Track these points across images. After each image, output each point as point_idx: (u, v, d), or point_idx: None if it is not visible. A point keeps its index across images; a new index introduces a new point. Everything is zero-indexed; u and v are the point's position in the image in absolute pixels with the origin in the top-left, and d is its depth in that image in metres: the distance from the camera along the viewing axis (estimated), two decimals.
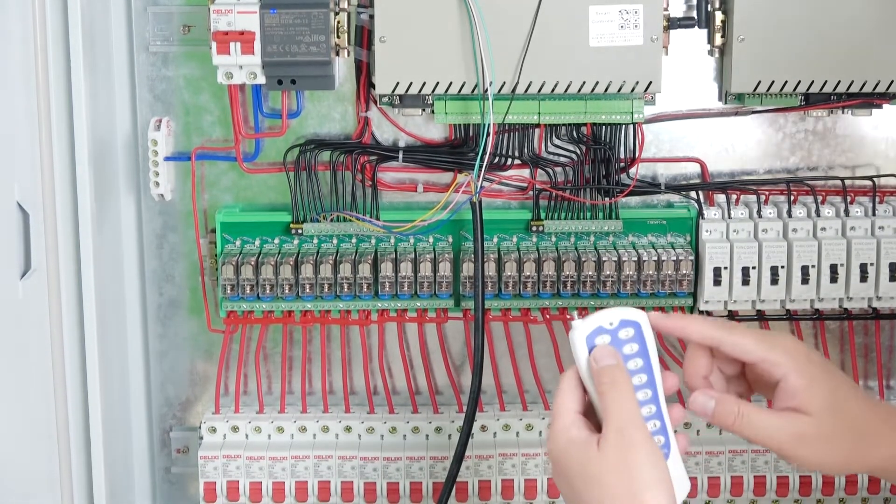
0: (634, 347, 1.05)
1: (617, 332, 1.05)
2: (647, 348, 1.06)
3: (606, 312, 1.05)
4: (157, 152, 1.49)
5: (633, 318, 1.06)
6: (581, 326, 1.05)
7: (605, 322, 1.05)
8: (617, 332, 1.05)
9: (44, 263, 1.35)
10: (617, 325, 1.05)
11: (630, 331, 1.05)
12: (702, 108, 1.51)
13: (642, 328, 1.06)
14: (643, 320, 1.06)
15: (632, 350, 1.05)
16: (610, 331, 1.05)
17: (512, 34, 1.39)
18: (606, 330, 1.05)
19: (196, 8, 1.46)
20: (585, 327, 1.05)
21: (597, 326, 1.05)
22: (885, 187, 1.51)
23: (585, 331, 1.05)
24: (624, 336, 1.05)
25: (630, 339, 1.05)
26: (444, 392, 1.58)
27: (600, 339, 1.05)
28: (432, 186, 1.52)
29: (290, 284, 1.48)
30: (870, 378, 1.58)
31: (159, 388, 1.60)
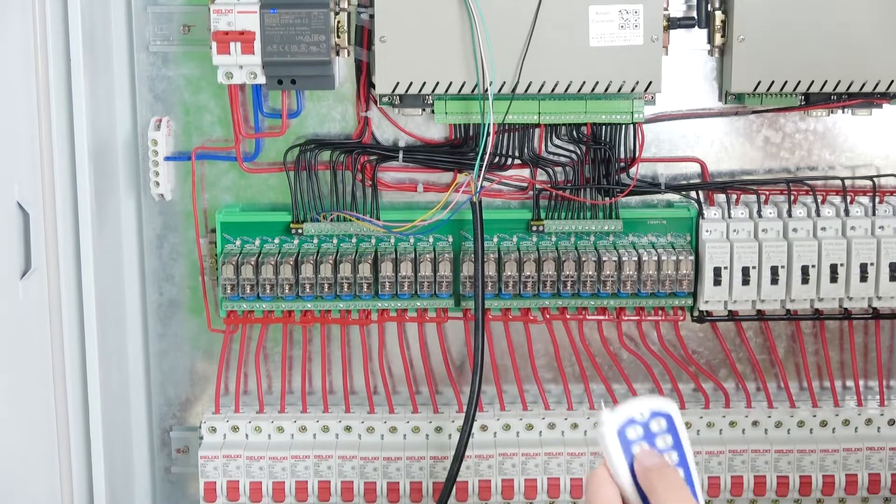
0: (668, 440, 0.98)
1: (648, 423, 0.98)
2: (681, 440, 0.99)
3: (636, 403, 0.98)
4: (158, 152, 1.49)
5: (665, 409, 0.98)
6: (611, 419, 0.98)
7: (636, 413, 0.98)
8: (648, 423, 0.98)
9: (44, 263, 1.35)
10: (648, 417, 0.98)
11: (662, 422, 0.99)
12: (702, 108, 1.51)
13: (674, 419, 0.99)
14: (674, 411, 0.99)
15: (665, 444, 0.98)
16: (642, 423, 0.98)
17: (512, 34, 1.39)
18: (637, 422, 0.98)
19: (196, 8, 1.46)
20: (615, 420, 0.98)
21: (628, 419, 0.98)
22: (885, 187, 1.51)
23: (616, 423, 0.98)
24: (656, 428, 0.99)
25: (662, 432, 0.98)
26: (444, 392, 1.58)
27: (632, 431, 0.98)
28: (432, 186, 1.52)
29: (291, 284, 1.48)
30: (870, 378, 1.58)
31: (159, 388, 1.60)
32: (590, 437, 1.54)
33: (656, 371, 1.56)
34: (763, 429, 1.55)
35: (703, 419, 1.55)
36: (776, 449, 1.53)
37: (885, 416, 1.55)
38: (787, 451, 1.53)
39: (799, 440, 1.54)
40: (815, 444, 1.54)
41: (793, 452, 1.53)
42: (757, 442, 1.54)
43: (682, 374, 1.57)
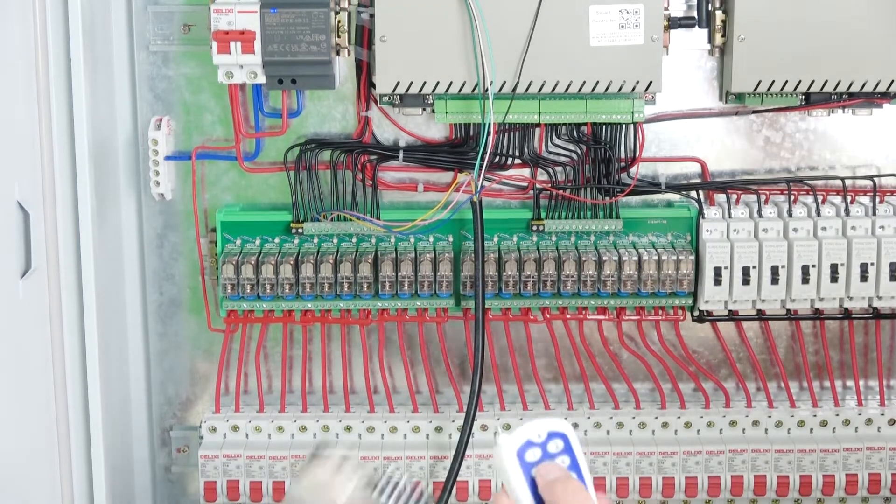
0: (566, 461, 0.99)
1: (546, 444, 0.98)
2: (577, 460, 0.99)
3: (532, 426, 0.98)
4: (158, 151, 1.49)
5: (561, 429, 0.98)
6: (508, 442, 0.97)
7: (534, 435, 0.98)
8: (546, 444, 0.98)
9: (44, 263, 1.35)
10: (545, 438, 0.98)
11: (559, 443, 0.99)
12: (702, 108, 1.51)
13: (570, 440, 0.99)
14: (570, 432, 0.99)
15: (563, 463, 0.99)
16: (539, 444, 0.98)
17: (512, 34, 1.39)
18: (535, 443, 0.98)
19: (196, 7, 1.46)
20: (513, 442, 0.98)
21: (525, 440, 0.98)
22: (885, 187, 1.51)
23: (514, 446, 0.98)
24: (553, 449, 0.98)
25: (560, 452, 0.99)
26: (445, 391, 1.58)
27: (530, 453, 0.98)
28: (433, 186, 1.52)
29: (291, 284, 1.48)
30: (870, 378, 1.58)
31: (159, 388, 1.60)
32: (590, 437, 1.54)
33: (656, 371, 1.56)
34: (763, 428, 1.55)
35: (703, 419, 1.55)
36: (776, 449, 1.53)
37: (885, 416, 1.55)
38: (788, 450, 1.53)
39: (799, 440, 1.54)
40: (816, 443, 1.54)
41: (793, 452, 1.53)
42: (757, 442, 1.54)
43: (682, 373, 1.57)
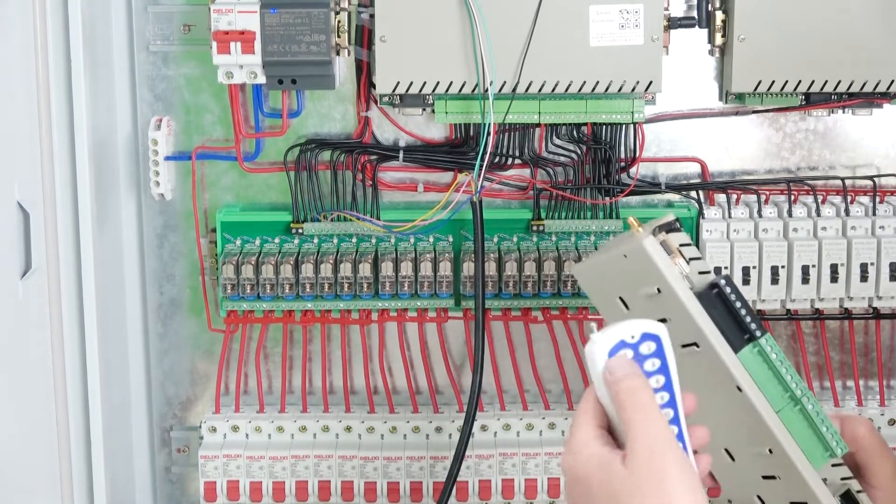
0: (656, 363, 0.97)
1: (638, 346, 0.96)
2: (668, 365, 0.97)
3: (627, 325, 0.96)
4: (158, 152, 1.49)
5: (655, 331, 0.96)
6: (601, 340, 0.96)
7: (627, 335, 0.95)
8: (638, 346, 0.96)
9: (44, 263, 1.35)
10: (639, 339, 0.96)
11: (652, 345, 0.96)
12: (702, 108, 1.51)
13: (663, 343, 0.97)
14: (664, 334, 0.97)
15: (653, 366, 0.96)
16: (632, 345, 0.96)
17: (512, 34, 1.39)
18: (628, 344, 0.95)
19: (196, 7, 1.46)
20: (606, 341, 0.96)
21: (618, 340, 0.96)
22: (885, 187, 1.51)
23: (606, 345, 0.96)
24: (646, 351, 0.96)
25: (652, 355, 0.96)
26: (445, 391, 1.58)
27: (622, 354, 0.96)
28: (433, 186, 1.52)
29: (291, 284, 1.48)
30: (870, 378, 1.58)
31: (160, 388, 1.60)
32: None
33: None
34: None
35: None
36: None
37: (885, 416, 1.55)
38: None
39: None
40: None
41: None
42: None
43: None
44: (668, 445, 0.93)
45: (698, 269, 1.11)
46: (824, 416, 1.11)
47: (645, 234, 1.09)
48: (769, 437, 1.12)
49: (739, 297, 1.08)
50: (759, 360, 1.06)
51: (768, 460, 1.13)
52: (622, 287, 1.16)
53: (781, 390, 1.12)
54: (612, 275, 1.16)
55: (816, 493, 1.11)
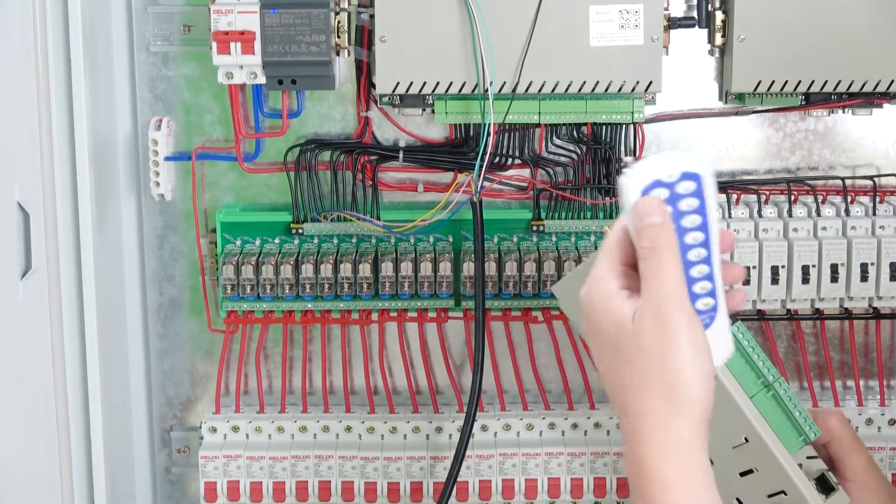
0: (693, 203, 0.92)
1: (675, 185, 0.90)
2: (706, 205, 0.92)
3: (666, 160, 0.90)
4: (158, 152, 1.49)
5: (695, 169, 0.91)
6: (636, 176, 0.90)
7: (664, 174, 0.90)
8: (675, 185, 0.90)
9: (44, 263, 1.35)
10: (677, 178, 0.90)
11: (691, 185, 0.91)
12: (702, 108, 1.51)
13: (703, 182, 0.91)
14: (706, 173, 0.91)
15: (689, 206, 0.92)
16: (668, 184, 0.90)
17: (512, 34, 1.39)
18: (664, 183, 0.90)
19: (196, 8, 1.46)
20: (640, 178, 0.90)
21: (654, 179, 0.90)
22: (885, 187, 1.51)
23: (640, 182, 0.90)
24: (683, 191, 0.91)
25: (689, 194, 0.91)
26: (445, 392, 1.58)
27: (657, 193, 0.90)
28: (433, 186, 1.52)
29: (291, 284, 1.48)
30: (870, 378, 1.58)
31: (160, 388, 1.60)
32: (590, 437, 1.54)
33: None
34: None
35: None
36: None
37: (885, 416, 1.55)
38: None
39: None
40: None
41: None
42: None
43: None
44: (677, 307, 0.91)
45: None
46: (797, 401, 1.11)
47: None
48: (745, 423, 1.12)
49: None
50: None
51: (744, 451, 1.14)
52: None
53: (754, 377, 1.12)
54: None
55: (793, 478, 1.11)
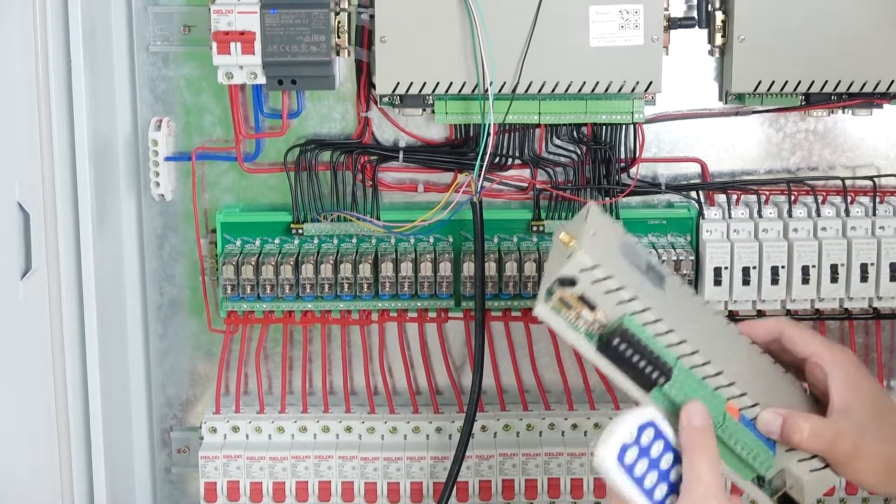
0: (660, 446, 1.02)
1: (639, 439, 1.00)
2: (669, 441, 1.02)
3: (621, 428, 1.00)
4: (158, 152, 1.49)
5: (647, 418, 1.01)
6: (607, 453, 0.99)
7: (626, 436, 1.00)
8: (639, 439, 1.00)
9: (44, 263, 1.35)
10: (637, 434, 1.00)
11: (650, 432, 1.01)
12: (702, 108, 1.51)
13: (658, 425, 1.02)
14: (656, 416, 1.02)
15: (658, 450, 1.01)
16: (633, 442, 1.00)
17: (512, 34, 1.39)
18: (629, 444, 1.00)
19: (196, 8, 1.46)
20: (611, 452, 0.99)
21: (620, 446, 0.99)
22: (885, 187, 1.51)
23: (613, 455, 0.99)
24: (647, 440, 1.01)
25: (654, 440, 1.01)
26: (445, 392, 1.58)
27: (629, 455, 0.99)
28: (433, 186, 1.52)
29: (291, 284, 1.48)
30: None
31: (160, 389, 1.60)
32: (591, 438, 1.54)
33: None
34: None
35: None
36: None
37: None
38: None
39: None
40: None
41: None
42: None
43: None
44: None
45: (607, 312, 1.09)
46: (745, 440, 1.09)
47: (577, 247, 1.07)
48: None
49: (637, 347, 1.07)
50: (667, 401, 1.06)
51: None
52: None
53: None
54: None
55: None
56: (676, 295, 1.14)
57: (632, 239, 1.17)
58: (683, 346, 1.05)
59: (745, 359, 1.14)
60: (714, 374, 1.05)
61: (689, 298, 1.17)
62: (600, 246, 1.08)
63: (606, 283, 1.04)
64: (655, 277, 1.12)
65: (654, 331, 1.05)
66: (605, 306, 1.05)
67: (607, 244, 1.11)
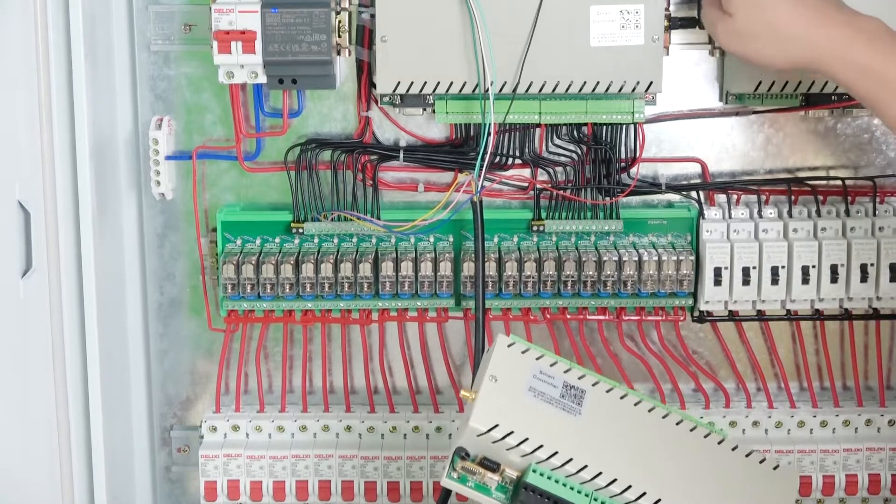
0: None
1: None
2: None
3: None
4: (159, 151, 1.49)
5: None
6: None
7: None
8: None
9: (45, 262, 1.35)
10: None
11: None
12: (703, 108, 1.51)
13: None
14: None
15: None
16: None
17: (513, 34, 1.39)
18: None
19: (197, 7, 1.46)
20: None
21: None
22: (885, 187, 1.51)
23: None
24: None
25: None
26: (445, 391, 1.58)
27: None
28: (433, 186, 1.52)
29: (291, 284, 1.48)
30: (870, 378, 1.58)
31: (160, 387, 1.60)
32: None
33: (656, 371, 1.56)
34: (763, 429, 1.56)
35: (703, 419, 1.54)
36: (776, 449, 1.53)
37: (885, 417, 1.55)
38: (788, 451, 1.54)
39: (799, 440, 1.55)
40: (816, 444, 1.54)
41: (793, 453, 1.54)
42: (757, 442, 1.54)
43: (682, 373, 1.57)
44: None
45: (513, 466, 1.11)
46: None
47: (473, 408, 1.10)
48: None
49: (545, 496, 1.09)
50: None
51: None
52: None
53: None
54: None
55: None
56: (598, 411, 1.15)
57: (545, 362, 1.18)
58: (599, 479, 1.06)
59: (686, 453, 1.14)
60: (636, 497, 1.06)
61: (616, 405, 1.18)
62: (503, 393, 1.11)
63: (507, 440, 1.07)
64: (573, 399, 1.13)
65: (564, 472, 1.06)
66: (510, 462, 1.09)
67: (512, 386, 1.13)
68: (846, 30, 1.22)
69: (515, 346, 1.20)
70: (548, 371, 1.16)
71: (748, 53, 1.29)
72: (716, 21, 1.30)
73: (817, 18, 1.23)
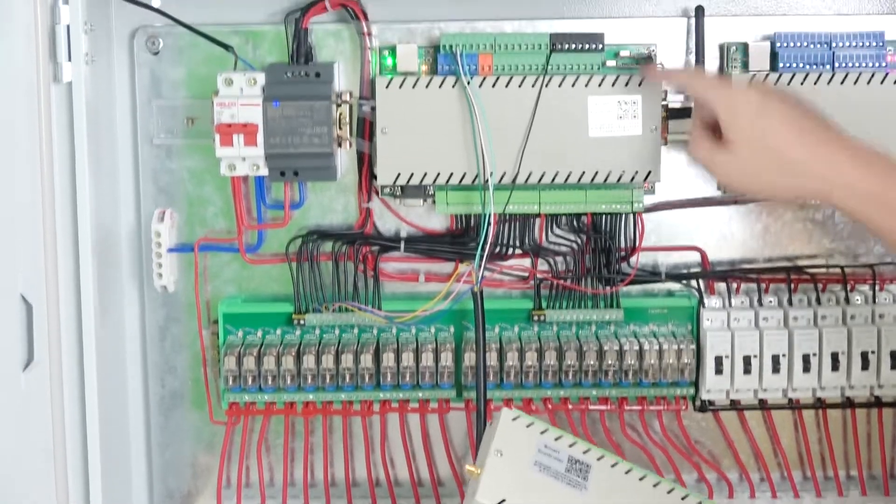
0: None
1: None
2: None
3: None
4: (161, 244, 1.49)
5: None
6: None
7: None
8: None
9: (46, 355, 1.35)
10: None
11: None
12: (701, 197, 1.52)
13: None
14: None
15: None
16: None
17: (512, 125, 1.41)
18: None
19: (200, 101, 1.47)
20: None
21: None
22: (884, 275, 1.51)
23: None
24: None
25: None
26: (447, 483, 1.57)
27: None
28: (434, 276, 1.52)
29: (293, 375, 1.48)
30: (874, 466, 1.57)
31: (161, 480, 1.59)
32: None
33: (659, 461, 1.55)
34: None
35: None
36: None
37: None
38: None
39: None
40: None
41: None
42: None
43: (684, 463, 1.56)
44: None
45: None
46: None
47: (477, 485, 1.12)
48: None
49: None
50: None
51: None
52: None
53: None
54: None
55: None
56: (604, 486, 1.15)
57: (550, 436, 1.19)
58: None
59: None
60: None
61: (621, 480, 1.18)
62: (508, 468, 1.11)
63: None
64: (578, 473, 1.14)
65: None
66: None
67: (518, 460, 1.14)
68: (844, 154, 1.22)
69: (520, 419, 1.19)
70: (552, 445, 1.16)
71: (753, 189, 1.29)
72: (712, 155, 1.28)
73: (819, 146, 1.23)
